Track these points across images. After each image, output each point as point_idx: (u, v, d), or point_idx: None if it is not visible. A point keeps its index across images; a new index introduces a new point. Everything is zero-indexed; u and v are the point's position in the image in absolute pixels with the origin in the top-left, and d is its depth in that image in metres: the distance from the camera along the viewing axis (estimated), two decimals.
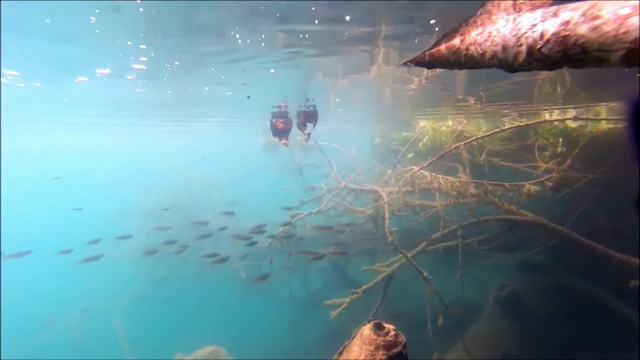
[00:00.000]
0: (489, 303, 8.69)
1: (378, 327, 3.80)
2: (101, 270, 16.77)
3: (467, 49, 1.27)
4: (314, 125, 5.07)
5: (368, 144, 14.66)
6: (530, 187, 6.04)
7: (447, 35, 1.38)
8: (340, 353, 3.95)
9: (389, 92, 9.97)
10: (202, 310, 15.12)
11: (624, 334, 6.52)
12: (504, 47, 1.12)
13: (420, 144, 10.11)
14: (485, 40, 1.19)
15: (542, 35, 1.04)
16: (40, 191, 35.06)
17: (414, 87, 8.29)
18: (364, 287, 7.34)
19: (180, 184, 17.88)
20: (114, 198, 19.95)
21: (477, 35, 1.23)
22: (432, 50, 1.45)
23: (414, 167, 7.94)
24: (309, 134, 5.45)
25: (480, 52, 1.22)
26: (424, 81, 6.87)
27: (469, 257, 8.39)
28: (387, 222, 7.23)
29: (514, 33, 1.10)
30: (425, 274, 6.81)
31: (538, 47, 1.05)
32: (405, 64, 1.68)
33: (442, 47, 1.38)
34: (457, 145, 6.15)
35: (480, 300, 9.39)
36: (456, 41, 1.32)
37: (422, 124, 7.70)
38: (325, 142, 10.82)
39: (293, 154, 11.66)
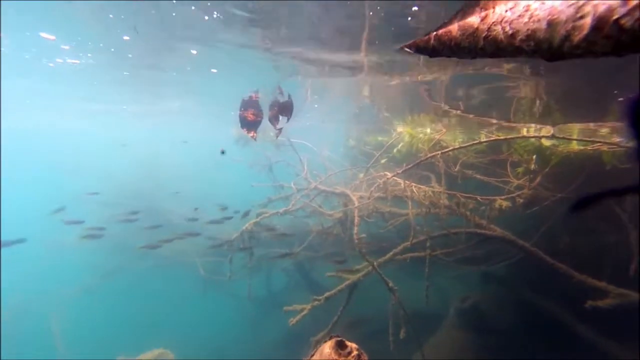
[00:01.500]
0: (450, 314, 8.66)
1: (340, 346, 3.47)
2: (45, 258, 15.51)
3: (489, 29, 0.95)
4: (288, 119, 4.67)
5: (341, 145, 14.44)
6: (501, 202, 5.97)
7: (462, 12, 1.05)
8: None
9: (367, 90, 9.77)
10: (153, 308, 14.28)
11: (580, 350, 6.64)
12: (551, 23, 0.82)
13: (395, 150, 9.96)
14: (520, 15, 0.88)
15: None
16: None
17: (394, 83, 8.11)
18: (327, 294, 7.03)
19: (144, 172, 16.87)
20: (72, 183, 18.54)
21: (507, 10, 0.92)
22: (439, 32, 1.11)
23: (387, 173, 7.76)
24: (280, 129, 5.04)
25: (510, 32, 0.90)
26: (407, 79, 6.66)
27: (434, 267, 8.33)
28: (356, 227, 6.96)
29: (572, 2, 0.80)
30: (390, 284, 6.61)
31: (616, 17, 0.75)
32: (402, 48, 1.35)
33: (454, 28, 1.05)
34: (434, 154, 5.98)
35: (442, 311, 9.38)
36: (474, 19, 1.00)
37: (399, 129, 7.50)
38: (298, 139, 10.44)
39: (264, 150, 11.20)
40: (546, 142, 6.14)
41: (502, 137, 5.71)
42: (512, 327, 7.94)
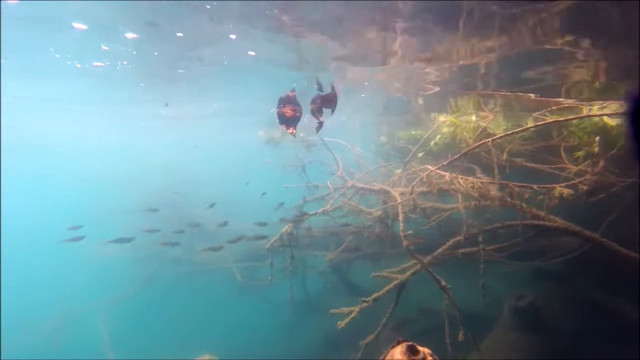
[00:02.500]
0: (504, 314, 8.10)
1: (411, 351, 3.15)
2: (86, 269, 15.98)
3: None
4: (333, 111, 4.42)
5: (372, 141, 14.06)
6: (562, 190, 5.46)
7: None
8: None
9: (400, 85, 9.41)
10: (191, 315, 14.39)
11: None
12: None
13: (432, 143, 9.53)
14: None
15: None
16: (24, 187, 33.99)
17: (433, 79, 7.73)
18: (374, 295, 6.70)
19: (174, 180, 17.12)
20: (102, 194, 19.11)
21: None
22: None
23: (429, 167, 7.36)
24: (322, 123, 4.79)
25: None
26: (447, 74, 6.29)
27: (478, 264, 7.83)
28: (401, 224, 6.61)
29: None
30: (442, 282, 6.21)
31: None
32: None
33: None
34: (483, 141, 5.56)
35: (493, 310, 8.80)
36: None
37: (441, 118, 7.10)
38: (329, 137, 10.19)
39: (295, 151, 11.02)
40: (610, 121, 5.58)
41: (563, 118, 5.21)
42: (576, 327, 7.32)
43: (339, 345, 12.11)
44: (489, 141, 5.47)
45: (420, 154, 9.58)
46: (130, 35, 7.01)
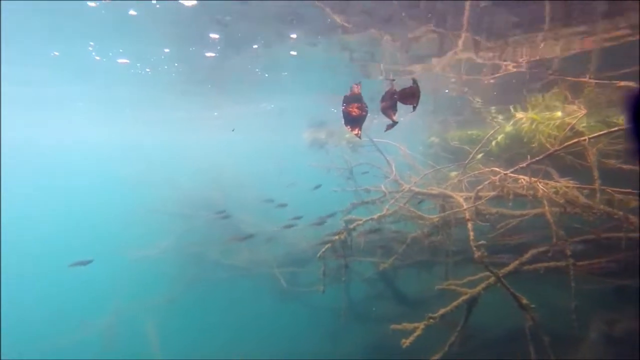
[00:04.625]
0: (592, 340, 7.13)
1: None
2: (130, 270, 16.27)
3: None
4: (415, 108, 3.88)
5: (419, 142, 13.33)
6: None
7: None
8: None
9: (457, 81, 8.73)
10: (235, 318, 14.25)
11: None
12: None
13: (493, 143, 8.75)
14: None
15: None
16: (65, 190, 35.65)
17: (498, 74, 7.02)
18: (442, 311, 6.08)
19: (216, 183, 17.13)
20: (143, 196, 19.49)
21: None
22: None
23: (496, 169, 6.64)
24: (395, 123, 4.25)
25: None
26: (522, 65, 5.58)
27: (553, 278, 6.98)
28: (471, 234, 5.95)
29: None
30: (524, 301, 5.50)
31: None
32: None
33: None
34: (577, 140, 4.82)
35: (570, 332, 7.84)
36: None
37: (519, 115, 6.38)
38: (380, 139, 9.63)
39: (342, 153, 10.55)
40: None
41: None
42: None
43: (384, 355, 11.50)
44: (584, 139, 4.72)
45: (479, 156, 8.84)
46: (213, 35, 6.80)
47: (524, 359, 5.45)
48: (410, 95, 3.89)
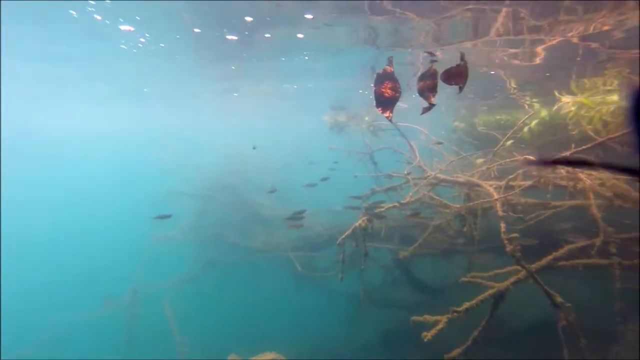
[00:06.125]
0: (629, 339, 6.75)
1: None
2: (150, 250, 16.55)
3: None
4: (462, 88, 3.50)
5: (442, 127, 12.78)
6: None
7: None
8: None
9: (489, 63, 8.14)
10: (249, 301, 14.39)
11: None
12: None
13: (526, 129, 8.22)
14: None
15: None
16: (85, 173, 36.48)
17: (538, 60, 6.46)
18: (467, 305, 5.79)
19: (234, 166, 17.05)
20: (164, 178, 19.65)
21: None
22: None
23: (529, 157, 6.19)
24: (432, 105, 3.88)
25: None
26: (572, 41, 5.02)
27: (576, 273, 6.57)
28: (503, 226, 5.60)
29: None
30: (559, 299, 5.16)
31: None
32: None
33: None
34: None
35: (602, 328, 7.46)
36: None
37: (565, 99, 5.86)
38: (404, 122, 9.19)
39: (363, 137, 10.18)
40: None
41: None
42: None
43: (400, 342, 11.38)
44: None
45: (509, 143, 8.33)
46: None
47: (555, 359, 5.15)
48: (457, 75, 3.50)
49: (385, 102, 4.41)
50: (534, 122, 8.09)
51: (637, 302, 6.69)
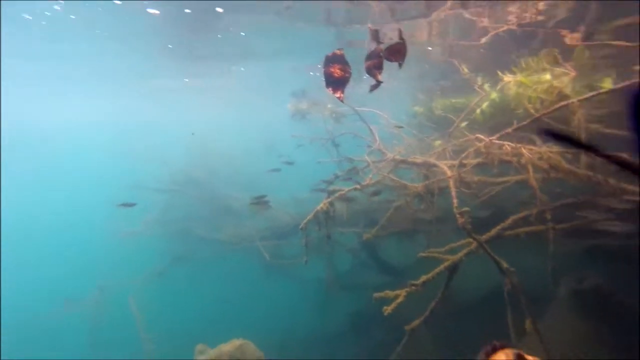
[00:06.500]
0: (561, 297, 7.40)
1: None
2: (114, 246, 16.00)
3: None
4: (401, 64, 3.64)
5: (404, 112, 13.11)
6: None
7: None
8: None
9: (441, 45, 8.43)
10: (221, 293, 14.29)
11: None
12: None
13: (478, 111, 8.62)
14: None
15: None
16: (49, 166, 34.50)
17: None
18: (424, 278, 6.10)
19: (197, 157, 16.67)
20: (127, 171, 18.90)
21: None
22: None
23: (480, 136, 6.55)
24: (380, 83, 4.02)
25: None
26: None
27: (530, 247, 7.10)
28: (455, 201, 5.90)
29: None
30: (505, 265, 5.55)
31: None
32: None
33: None
34: (568, 102, 4.69)
35: (540, 292, 8.11)
36: None
37: (506, 78, 6.20)
38: (359, 107, 9.36)
39: (325, 124, 10.27)
40: None
41: None
42: None
43: (371, 321, 11.76)
44: (575, 101, 4.59)
45: (464, 124, 8.72)
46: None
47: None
48: (397, 51, 3.62)
49: (335, 83, 4.50)
50: (485, 104, 8.48)
51: (570, 264, 7.33)
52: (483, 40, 6.78)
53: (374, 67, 3.92)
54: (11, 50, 9.86)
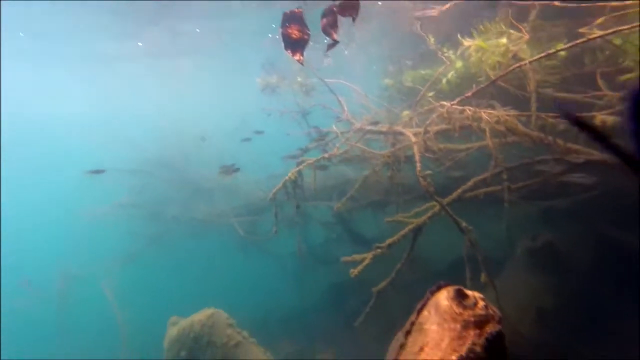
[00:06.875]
0: (517, 255, 7.85)
1: (460, 295, 2.72)
2: (87, 229, 15.63)
3: None
4: (354, 19, 3.63)
5: (375, 86, 13.16)
6: (604, 117, 4.87)
7: None
8: (408, 333, 2.91)
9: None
10: (197, 271, 14.30)
11: None
12: None
13: (444, 81, 8.75)
14: None
15: None
16: (13, 148, 32.75)
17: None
18: (389, 241, 6.31)
19: (167, 135, 16.26)
20: (98, 153, 18.24)
21: None
22: None
23: (444, 103, 6.70)
24: (336, 42, 4.01)
25: None
26: None
27: (483, 207, 7.44)
28: (418, 165, 6.07)
29: None
30: (463, 224, 5.81)
31: None
32: None
33: None
34: (519, 64, 4.85)
35: (500, 253, 8.56)
36: None
37: (466, 42, 6.29)
38: (333, 79, 9.32)
39: (295, 97, 10.21)
40: None
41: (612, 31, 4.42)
42: (594, 267, 7.10)
43: (347, 293, 12.12)
44: (525, 63, 4.75)
45: (431, 94, 8.86)
46: None
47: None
48: (350, 7, 3.61)
49: (294, 44, 4.45)
50: (450, 74, 8.61)
51: (527, 226, 7.78)
52: (444, 7, 6.81)
53: (329, 25, 3.90)
54: None
